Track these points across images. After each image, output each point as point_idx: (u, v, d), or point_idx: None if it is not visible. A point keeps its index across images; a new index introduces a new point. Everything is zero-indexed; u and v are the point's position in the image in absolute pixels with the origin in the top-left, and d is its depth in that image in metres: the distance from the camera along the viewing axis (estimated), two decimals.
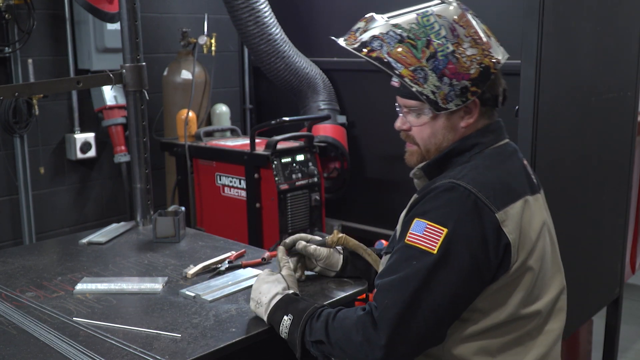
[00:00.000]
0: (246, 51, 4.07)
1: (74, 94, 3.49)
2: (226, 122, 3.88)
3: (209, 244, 2.23)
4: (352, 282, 1.82)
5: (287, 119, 3.27)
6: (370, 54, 1.44)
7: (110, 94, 3.52)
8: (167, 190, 3.77)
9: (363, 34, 1.47)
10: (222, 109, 3.88)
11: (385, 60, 1.43)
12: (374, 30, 1.45)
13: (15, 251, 2.25)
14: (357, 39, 1.48)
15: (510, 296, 1.40)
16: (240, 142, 3.49)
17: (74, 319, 1.61)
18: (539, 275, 1.44)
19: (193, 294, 1.74)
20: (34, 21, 3.21)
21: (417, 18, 1.43)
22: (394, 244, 1.48)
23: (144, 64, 2.43)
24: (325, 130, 3.56)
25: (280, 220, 3.17)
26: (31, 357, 1.43)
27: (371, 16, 1.49)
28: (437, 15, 1.43)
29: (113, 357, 1.42)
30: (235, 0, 3.32)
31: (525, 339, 1.45)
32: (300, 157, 3.30)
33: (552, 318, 1.51)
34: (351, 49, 1.47)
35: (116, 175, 3.74)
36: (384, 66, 1.43)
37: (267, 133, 3.43)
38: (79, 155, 3.51)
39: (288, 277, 1.61)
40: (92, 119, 3.59)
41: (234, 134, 3.81)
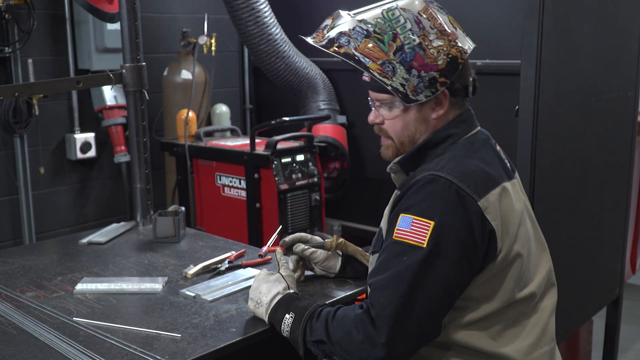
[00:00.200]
0: (246, 51, 4.07)
1: (74, 94, 3.49)
2: (226, 122, 3.88)
3: (209, 244, 2.23)
4: (352, 282, 1.82)
5: (287, 119, 3.27)
6: (338, 50, 1.46)
7: (110, 94, 3.52)
8: (167, 190, 3.77)
9: (330, 31, 1.49)
10: (222, 109, 3.88)
11: (354, 56, 1.44)
12: (340, 27, 1.47)
13: (15, 251, 2.25)
14: (324, 36, 1.49)
15: (502, 283, 1.42)
16: (240, 142, 3.49)
17: (74, 319, 1.61)
18: (527, 259, 1.47)
19: (193, 294, 1.74)
20: (34, 21, 3.21)
21: (382, 12, 1.45)
22: (380, 241, 1.49)
23: (144, 64, 2.43)
24: (325, 130, 3.56)
25: (280, 220, 3.17)
26: (31, 357, 1.43)
27: (337, 13, 1.51)
28: (402, 9, 1.45)
29: (113, 357, 1.42)
30: (235, 0, 3.32)
31: (521, 319, 1.47)
32: (300, 157, 3.30)
33: (545, 295, 1.54)
34: (319, 47, 1.49)
35: (116, 175, 3.74)
36: (352, 62, 1.45)
37: (267, 133, 3.43)
38: (79, 155, 3.51)
39: (287, 277, 1.61)
40: (92, 119, 3.59)
41: (234, 134, 3.81)
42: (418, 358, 1.45)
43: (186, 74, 3.62)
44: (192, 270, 1.91)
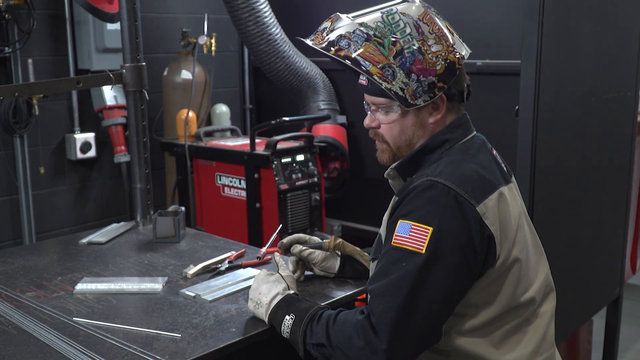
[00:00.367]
0: (246, 51, 4.07)
1: (74, 94, 3.49)
2: (226, 122, 3.88)
3: (209, 244, 2.23)
4: (352, 282, 1.82)
5: (287, 119, 3.27)
6: (338, 53, 1.46)
7: (110, 94, 3.52)
8: (167, 190, 3.77)
9: (330, 34, 1.48)
10: (222, 109, 3.88)
11: (354, 59, 1.44)
12: (340, 30, 1.47)
13: (15, 251, 2.25)
14: (324, 38, 1.49)
15: (501, 289, 1.42)
16: (240, 142, 3.49)
17: (74, 319, 1.61)
18: (526, 264, 1.47)
19: (193, 294, 1.74)
20: (34, 21, 3.21)
21: (382, 16, 1.45)
22: (379, 248, 1.49)
23: (144, 64, 2.43)
24: (325, 130, 3.57)
25: (280, 220, 3.17)
26: (31, 357, 1.43)
27: (337, 15, 1.51)
28: (402, 13, 1.45)
29: (113, 357, 1.42)
30: (235, 0, 3.32)
31: (522, 325, 1.47)
32: (300, 157, 3.30)
33: (544, 300, 1.54)
34: (319, 49, 1.48)
35: (116, 175, 3.74)
36: (353, 64, 1.44)
37: (267, 133, 3.43)
38: (79, 155, 3.51)
39: (287, 278, 1.61)
40: (92, 119, 3.59)
41: (234, 134, 3.81)
42: None
43: (186, 74, 3.62)
44: (192, 270, 1.91)
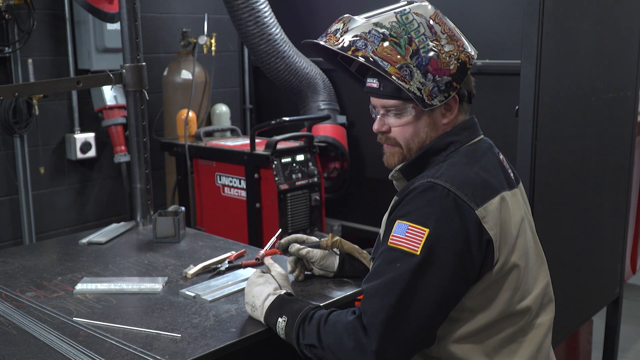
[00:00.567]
0: (246, 51, 4.07)
1: (74, 94, 3.49)
2: (226, 122, 3.88)
3: (209, 244, 2.23)
4: (352, 282, 1.82)
5: (287, 119, 3.27)
6: (355, 54, 1.44)
7: (110, 94, 3.52)
8: (167, 190, 3.77)
9: (345, 35, 1.46)
10: (222, 109, 3.88)
11: (372, 59, 1.43)
12: (355, 30, 1.45)
13: (15, 251, 2.25)
14: (339, 39, 1.47)
15: (498, 294, 1.41)
16: (240, 142, 3.49)
17: (74, 319, 1.61)
18: (524, 271, 1.45)
19: (193, 294, 1.74)
20: (34, 21, 3.21)
21: (396, 16, 1.44)
22: (379, 248, 1.47)
23: (144, 64, 2.43)
24: (325, 130, 3.56)
25: (280, 220, 3.17)
26: (31, 357, 1.43)
27: (349, 17, 1.49)
28: (415, 13, 1.44)
29: (113, 357, 1.42)
30: (235, 0, 3.32)
31: (518, 335, 1.45)
32: (300, 157, 3.30)
33: (542, 311, 1.52)
34: (336, 49, 1.46)
35: (116, 175, 3.74)
36: (371, 65, 1.43)
37: (267, 133, 3.43)
38: (79, 155, 3.51)
39: (278, 277, 1.60)
40: (92, 119, 3.59)
41: (234, 134, 3.81)
42: None
43: (186, 74, 3.62)
44: (192, 270, 1.91)
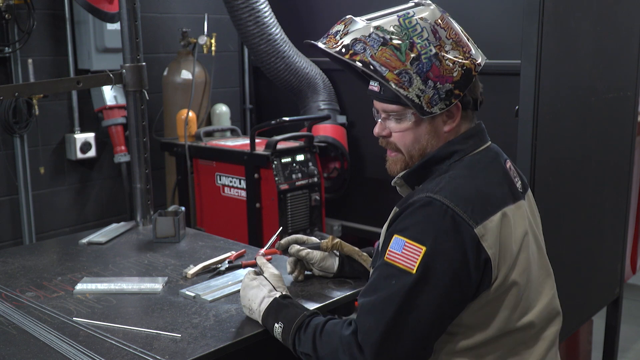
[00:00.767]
0: (246, 51, 4.07)
1: (74, 94, 3.49)
2: (226, 122, 3.88)
3: (209, 244, 2.23)
4: (352, 282, 1.82)
5: (287, 119, 3.27)
6: (353, 58, 1.40)
7: (110, 94, 3.52)
8: (167, 190, 3.77)
9: (344, 37, 1.42)
10: (222, 109, 3.88)
11: (369, 64, 1.38)
12: (355, 33, 1.41)
13: (15, 251, 2.25)
14: (338, 42, 1.43)
15: (496, 312, 1.38)
16: (240, 142, 3.49)
17: (74, 319, 1.61)
18: (525, 288, 1.41)
19: (193, 294, 1.74)
20: (34, 21, 3.21)
21: (399, 20, 1.40)
22: (377, 258, 1.46)
23: (144, 64, 2.43)
24: (325, 130, 3.56)
25: (280, 220, 3.17)
26: (31, 357, 1.43)
27: (350, 18, 1.45)
28: (419, 18, 1.39)
29: (113, 357, 1.42)
30: (235, 0, 3.32)
31: (520, 348, 1.42)
32: (300, 157, 3.30)
33: (548, 326, 1.48)
34: (333, 53, 1.42)
35: (116, 175, 3.74)
36: (368, 70, 1.39)
37: (267, 133, 3.43)
38: (79, 155, 3.51)
39: (271, 278, 1.59)
40: (92, 119, 3.59)
41: (234, 134, 3.81)
42: None
43: (186, 74, 3.62)
44: (192, 270, 1.91)
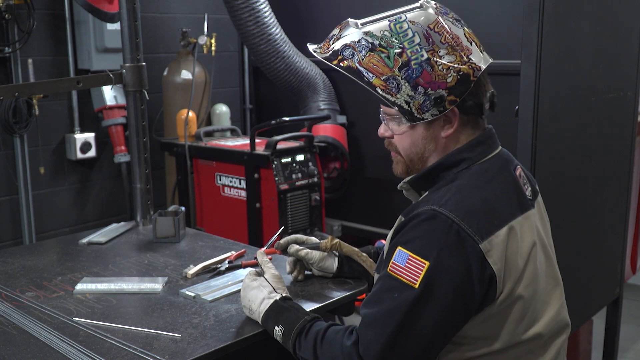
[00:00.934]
0: (246, 51, 4.07)
1: (74, 94, 3.49)
2: (226, 122, 3.88)
3: (209, 244, 2.23)
4: (352, 282, 1.82)
5: (287, 119, 3.27)
6: (340, 63, 1.39)
7: (110, 94, 3.52)
8: (167, 190, 3.77)
9: (336, 42, 1.42)
10: (222, 109, 3.88)
11: (357, 70, 1.37)
12: (346, 39, 1.40)
13: (15, 251, 2.25)
14: (329, 47, 1.42)
15: (502, 325, 1.36)
16: (240, 142, 3.49)
17: (74, 319, 1.61)
18: (531, 300, 1.39)
19: (193, 294, 1.74)
20: (34, 21, 3.21)
21: (389, 25, 1.37)
22: (382, 265, 1.44)
23: (144, 64, 2.43)
24: (325, 130, 3.56)
25: (280, 220, 3.17)
26: (31, 357, 1.43)
27: (346, 22, 1.43)
28: (411, 22, 1.36)
29: (113, 357, 1.42)
30: (235, 0, 3.32)
31: (528, 357, 1.41)
32: (300, 157, 3.30)
33: (557, 336, 1.47)
34: (321, 58, 1.42)
35: (116, 175, 3.74)
36: (354, 76, 1.38)
37: (267, 133, 3.43)
38: (79, 155, 3.51)
39: (272, 279, 1.59)
40: (92, 119, 3.59)
41: (234, 134, 3.81)
42: None
43: (186, 74, 3.62)
44: (192, 270, 1.91)
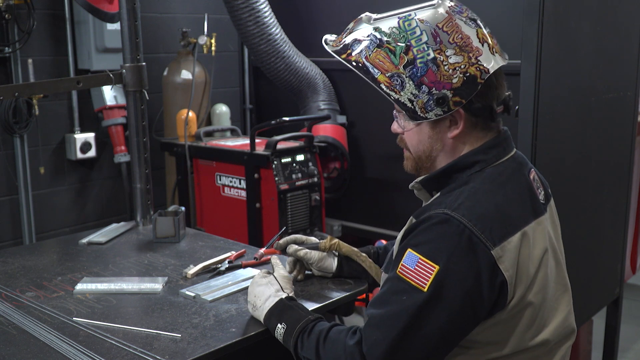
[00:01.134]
0: (246, 51, 4.07)
1: (74, 94, 3.49)
2: (226, 122, 3.88)
3: (209, 244, 2.23)
4: (352, 282, 1.82)
5: (287, 119, 3.27)
6: (348, 58, 1.40)
7: (110, 94, 3.52)
8: (167, 190, 3.77)
9: (348, 36, 1.43)
10: (222, 109, 3.88)
11: (363, 66, 1.38)
12: (357, 33, 1.41)
13: (15, 251, 2.25)
14: (341, 40, 1.43)
15: (511, 331, 1.35)
16: (240, 142, 3.49)
17: (74, 319, 1.61)
18: (540, 306, 1.38)
19: (193, 294, 1.74)
20: (34, 21, 3.21)
21: (398, 22, 1.37)
22: (390, 264, 1.44)
23: (144, 64, 2.43)
24: (325, 130, 3.56)
25: (280, 220, 3.17)
26: (31, 357, 1.43)
27: (360, 17, 1.44)
28: (420, 20, 1.36)
29: (113, 357, 1.42)
30: (235, 0, 3.32)
31: None
32: (300, 157, 3.30)
33: (562, 342, 1.47)
34: (331, 51, 1.43)
35: (116, 175, 3.74)
36: (360, 72, 1.39)
37: (267, 133, 3.43)
38: (79, 155, 3.50)
39: (281, 279, 1.60)
40: (92, 119, 3.59)
41: (234, 134, 3.81)
42: None
43: (186, 74, 3.62)
44: (192, 270, 1.91)
